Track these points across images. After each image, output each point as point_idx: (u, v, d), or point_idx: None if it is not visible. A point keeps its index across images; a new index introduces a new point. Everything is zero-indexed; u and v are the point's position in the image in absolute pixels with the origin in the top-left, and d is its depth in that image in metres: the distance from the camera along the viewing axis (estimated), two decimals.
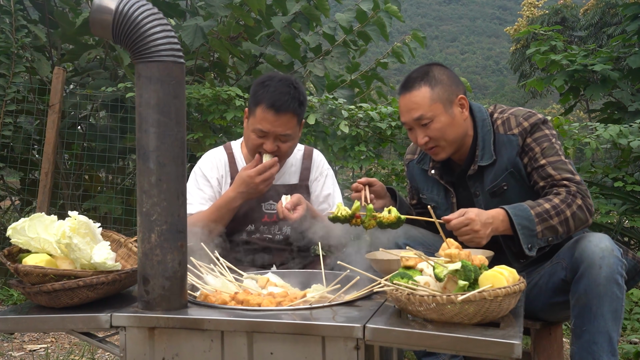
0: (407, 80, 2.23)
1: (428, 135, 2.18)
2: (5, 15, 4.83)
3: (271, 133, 2.37)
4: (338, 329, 1.48)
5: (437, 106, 2.16)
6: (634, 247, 4.30)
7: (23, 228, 1.76)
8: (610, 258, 1.90)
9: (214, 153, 2.62)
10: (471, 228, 1.96)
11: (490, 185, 2.21)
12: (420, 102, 2.16)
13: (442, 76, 2.19)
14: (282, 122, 2.36)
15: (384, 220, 2.02)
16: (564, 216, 2.05)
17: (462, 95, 2.21)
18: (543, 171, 2.14)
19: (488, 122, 2.24)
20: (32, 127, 5.22)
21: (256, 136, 2.40)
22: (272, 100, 2.34)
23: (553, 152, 2.15)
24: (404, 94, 2.21)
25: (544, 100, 23.54)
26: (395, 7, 5.05)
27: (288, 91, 2.36)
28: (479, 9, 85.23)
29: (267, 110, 2.34)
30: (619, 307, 1.91)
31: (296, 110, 2.38)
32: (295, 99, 2.37)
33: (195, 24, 4.63)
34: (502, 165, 2.19)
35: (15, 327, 1.72)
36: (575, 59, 4.79)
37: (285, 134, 2.38)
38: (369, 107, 4.38)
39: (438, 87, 2.17)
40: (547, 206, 2.04)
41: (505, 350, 1.35)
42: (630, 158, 3.99)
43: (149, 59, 1.61)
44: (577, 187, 2.10)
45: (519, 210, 2.03)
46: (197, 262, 1.96)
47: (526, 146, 2.17)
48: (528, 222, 2.01)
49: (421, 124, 2.17)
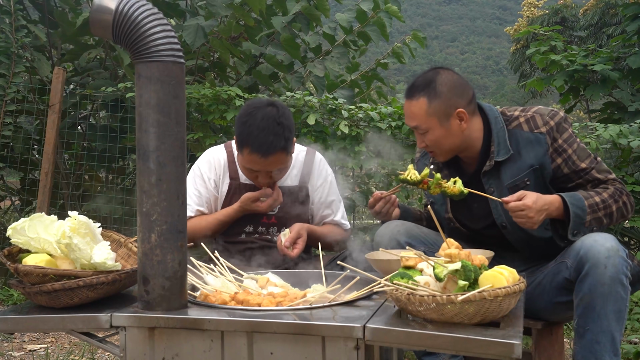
0: (411, 86, 2.27)
1: (424, 142, 2.26)
2: (5, 15, 4.83)
3: (262, 171, 2.40)
4: (338, 329, 1.48)
5: (432, 120, 2.20)
6: (634, 247, 4.30)
7: (23, 228, 1.76)
8: (616, 258, 1.90)
9: (213, 152, 2.62)
10: (526, 214, 2.06)
11: (511, 180, 2.24)
12: (417, 113, 2.22)
13: (443, 88, 2.20)
14: (271, 161, 2.36)
15: (447, 190, 2.17)
16: (610, 210, 2.15)
17: (461, 109, 2.21)
18: (589, 175, 2.21)
19: (500, 119, 2.28)
20: (32, 127, 5.22)
21: (248, 172, 2.45)
22: (257, 145, 2.30)
23: (586, 154, 2.22)
24: (406, 100, 2.28)
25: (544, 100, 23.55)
26: (395, 8, 5.05)
27: (272, 130, 2.31)
28: (479, 9, 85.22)
29: (253, 154, 2.33)
30: (623, 307, 1.91)
31: (284, 148, 2.35)
32: (281, 137, 2.32)
33: (197, 23, 4.63)
34: (527, 162, 2.22)
35: (15, 327, 1.72)
36: (575, 59, 4.79)
37: (277, 169, 2.41)
38: (369, 107, 4.38)
39: (436, 101, 2.20)
40: (598, 199, 2.14)
41: (505, 350, 1.35)
42: (630, 158, 3.99)
43: (149, 59, 1.61)
44: (622, 186, 2.22)
45: (575, 199, 2.12)
46: (197, 262, 1.96)
47: (559, 147, 2.21)
48: (581, 211, 2.10)
49: (418, 132, 2.25)
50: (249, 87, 5.30)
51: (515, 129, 2.26)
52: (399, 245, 2.25)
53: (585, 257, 1.94)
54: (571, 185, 2.24)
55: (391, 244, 2.28)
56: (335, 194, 2.67)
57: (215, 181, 2.55)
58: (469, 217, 2.37)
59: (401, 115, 4.27)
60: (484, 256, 1.69)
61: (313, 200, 2.62)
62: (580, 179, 2.22)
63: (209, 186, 2.54)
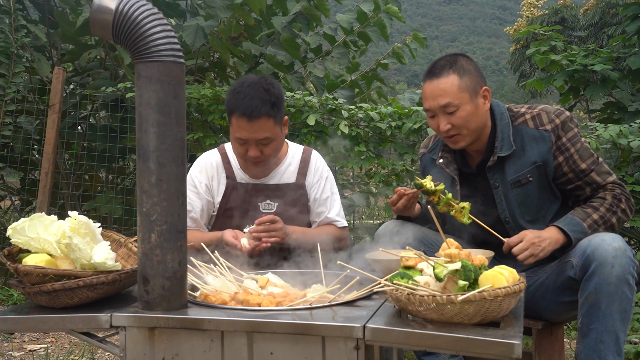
0: (435, 67, 2.25)
1: (451, 122, 2.21)
2: (5, 15, 4.83)
3: (250, 140, 2.38)
4: (338, 329, 1.48)
5: (464, 95, 2.19)
6: (634, 247, 4.30)
7: (23, 228, 1.76)
8: (623, 258, 1.90)
9: (205, 156, 2.65)
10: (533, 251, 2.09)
11: (514, 175, 2.25)
12: (448, 89, 2.19)
13: (469, 66, 2.23)
14: (258, 127, 2.35)
15: (453, 213, 2.18)
16: (610, 223, 2.16)
17: (486, 86, 2.26)
18: (588, 177, 2.22)
19: (506, 115, 2.30)
20: (32, 127, 5.22)
21: (238, 144, 2.43)
22: (243, 108, 2.33)
23: (588, 154, 2.22)
24: (430, 80, 2.23)
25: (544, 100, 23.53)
26: (395, 8, 5.05)
27: (259, 95, 2.35)
28: (479, 9, 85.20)
29: (240, 119, 2.35)
30: (629, 307, 1.91)
31: (269, 113, 2.36)
32: (267, 102, 2.35)
33: (197, 24, 4.63)
34: (531, 158, 2.23)
35: (15, 327, 1.72)
36: (575, 59, 4.79)
37: (265, 138, 2.39)
38: (369, 108, 4.38)
39: (466, 76, 2.20)
40: (596, 217, 2.15)
41: (505, 350, 1.35)
42: (630, 158, 3.99)
43: (149, 59, 1.61)
44: (620, 190, 2.21)
45: (573, 224, 2.13)
46: (197, 262, 1.96)
47: (562, 145, 2.22)
48: (582, 235, 2.10)
49: (446, 112, 2.20)
50: None
51: (521, 125, 2.27)
52: (399, 245, 2.25)
53: (592, 256, 1.94)
54: (570, 187, 2.25)
55: (391, 244, 2.29)
56: (331, 191, 2.65)
57: (207, 185, 2.56)
58: (475, 211, 2.37)
59: (401, 115, 4.26)
60: (484, 256, 1.69)
61: (310, 198, 2.61)
62: (579, 181, 2.22)
63: (200, 190, 2.55)
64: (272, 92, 2.38)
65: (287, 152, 2.64)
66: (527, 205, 2.26)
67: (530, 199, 2.25)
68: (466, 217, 2.17)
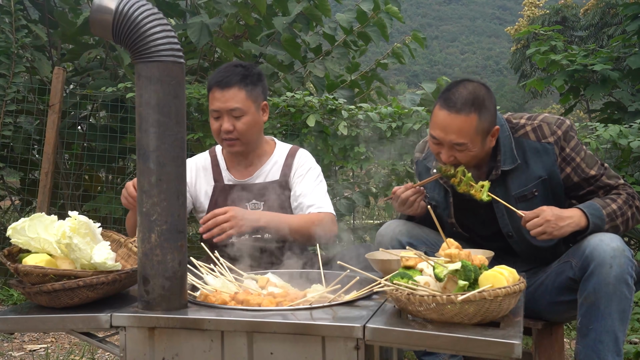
0: (456, 96, 2.09)
1: (457, 157, 2.13)
2: (5, 15, 4.83)
3: (222, 110, 2.45)
4: (338, 329, 1.48)
5: (478, 138, 2.10)
6: (634, 247, 4.30)
7: (23, 228, 1.76)
8: (622, 258, 1.90)
9: (194, 158, 2.68)
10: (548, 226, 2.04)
11: (518, 190, 2.21)
12: (465, 130, 2.07)
13: (490, 104, 2.12)
14: (229, 97, 2.44)
15: (473, 192, 2.16)
16: (626, 216, 2.14)
17: (497, 126, 2.17)
18: (599, 182, 2.19)
19: (506, 127, 2.23)
20: (32, 127, 5.22)
21: (214, 119, 2.50)
22: (217, 79, 2.46)
23: (593, 161, 2.20)
24: (449, 112, 2.08)
25: (544, 100, 23.54)
26: (395, 8, 5.05)
27: (233, 70, 2.47)
28: (479, 9, 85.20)
29: (214, 90, 2.46)
30: (627, 307, 1.91)
31: (240, 84, 2.45)
32: (239, 74, 2.46)
33: (201, 21, 4.62)
34: (536, 172, 2.19)
35: (15, 327, 1.72)
36: (575, 58, 4.79)
37: (235, 109, 2.44)
38: (368, 108, 4.38)
39: (485, 117, 2.09)
40: (615, 207, 2.12)
41: (505, 350, 1.35)
42: (630, 158, 3.99)
43: (149, 59, 1.61)
44: (632, 190, 2.20)
45: (593, 209, 2.10)
46: (197, 262, 1.96)
47: (567, 156, 2.19)
48: (600, 221, 2.09)
49: (456, 148, 2.11)
50: None
51: (522, 138, 2.21)
52: (400, 245, 2.25)
53: (590, 256, 1.94)
54: (582, 192, 2.22)
55: (392, 244, 2.28)
56: (315, 183, 2.58)
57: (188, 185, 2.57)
58: (474, 223, 2.35)
59: (401, 115, 4.26)
60: (484, 256, 1.69)
61: (294, 192, 2.58)
62: (591, 186, 2.20)
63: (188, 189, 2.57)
64: (248, 68, 2.50)
65: (274, 152, 2.63)
66: None
67: None
68: (485, 195, 2.14)
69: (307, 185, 2.56)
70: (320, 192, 2.57)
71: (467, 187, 2.16)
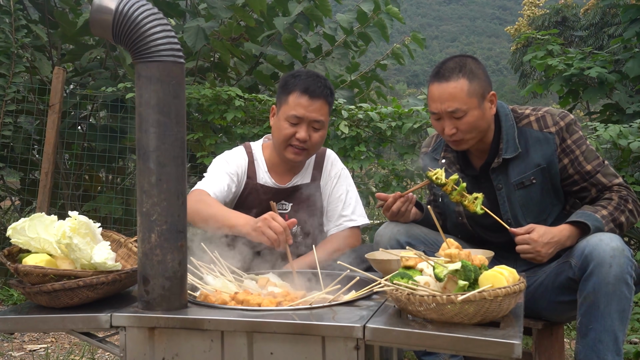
0: (443, 68, 2.20)
1: (457, 127, 2.19)
2: (5, 15, 4.83)
3: (305, 119, 2.41)
4: (338, 329, 1.48)
5: (473, 100, 2.17)
6: (634, 247, 4.30)
7: (23, 228, 1.76)
8: (621, 258, 1.90)
9: (237, 152, 2.62)
10: (533, 248, 2.07)
11: (518, 177, 2.24)
12: (457, 94, 2.16)
13: (478, 70, 2.20)
14: (316, 107, 2.41)
15: (465, 203, 2.19)
16: (618, 221, 2.14)
17: (493, 91, 2.23)
18: (593, 178, 2.20)
19: (510, 117, 2.28)
20: (32, 127, 5.22)
21: (289, 124, 2.43)
22: (305, 86, 2.40)
23: (593, 156, 2.21)
24: (439, 83, 2.19)
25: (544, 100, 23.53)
26: (395, 9, 5.06)
27: (319, 80, 2.44)
28: (479, 9, 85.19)
29: (301, 96, 2.40)
30: (627, 307, 1.91)
31: (328, 98, 2.44)
32: (327, 87, 2.45)
33: (197, 25, 4.63)
34: (535, 160, 2.23)
35: (15, 327, 1.72)
36: (572, 62, 4.80)
37: (318, 120, 2.42)
38: (368, 108, 4.38)
39: (475, 80, 2.17)
40: (605, 213, 2.12)
41: (505, 350, 1.35)
42: (630, 158, 3.99)
43: (149, 59, 1.61)
44: (627, 192, 2.20)
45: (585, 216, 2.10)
46: (197, 262, 1.96)
47: (567, 147, 2.21)
48: (599, 223, 2.09)
49: (453, 116, 2.18)
50: (250, 87, 5.30)
51: (525, 127, 2.26)
52: (399, 245, 2.25)
53: (590, 256, 1.94)
54: (576, 188, 2.24)
55: (390, 244, 2.29)
56: (346, 187, 2.63)
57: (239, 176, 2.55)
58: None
59: (401, 115, 4.26)
60: (484, 256, 1.69)
61: (324, 197, 2.61)
62: (585, 182, 2.21)
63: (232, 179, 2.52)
64: (329, 84, 2.48)
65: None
66: (530, 208, 2.25)
67: (533, 202, 2.24)
68: (479, 207, 2.17)
69: (340, 193, 2.60)
70: (355, 201, 2.62)
71: (460, 197, 2.18)
